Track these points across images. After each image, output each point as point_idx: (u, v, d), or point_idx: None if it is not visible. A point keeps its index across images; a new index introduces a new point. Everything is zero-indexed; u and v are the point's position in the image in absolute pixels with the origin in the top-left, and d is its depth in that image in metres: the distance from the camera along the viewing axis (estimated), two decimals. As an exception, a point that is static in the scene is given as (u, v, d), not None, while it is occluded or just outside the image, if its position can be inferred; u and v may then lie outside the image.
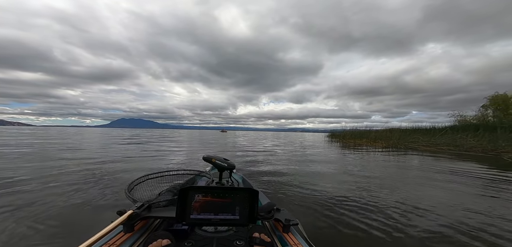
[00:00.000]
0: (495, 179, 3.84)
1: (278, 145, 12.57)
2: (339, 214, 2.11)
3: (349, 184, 3.38)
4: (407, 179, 3.84)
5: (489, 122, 15.70)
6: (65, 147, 8.30)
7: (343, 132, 20.56)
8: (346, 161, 6.28)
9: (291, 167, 4.90)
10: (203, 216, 0.83)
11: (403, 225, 1.88)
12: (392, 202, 2.49)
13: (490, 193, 3.00)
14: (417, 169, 4.99)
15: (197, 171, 1.63)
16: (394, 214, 2.13)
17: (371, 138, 15.29)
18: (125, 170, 4.12)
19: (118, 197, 2.49)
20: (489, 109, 18.55)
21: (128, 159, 5.59)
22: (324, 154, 8.11)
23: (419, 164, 5.71)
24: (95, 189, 2.77)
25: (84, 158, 5.49)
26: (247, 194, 0.86)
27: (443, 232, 1.77)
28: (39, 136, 15.82)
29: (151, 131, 47.15)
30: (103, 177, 3.46)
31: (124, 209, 0.93)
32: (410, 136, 13.31)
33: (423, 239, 1.65)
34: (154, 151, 7.78)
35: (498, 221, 1.99)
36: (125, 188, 1.18)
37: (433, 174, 4.24)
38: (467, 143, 9.97)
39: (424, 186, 3.33)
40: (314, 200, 2.52)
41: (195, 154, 7.41)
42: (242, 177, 2.04)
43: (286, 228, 0.97)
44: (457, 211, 2.23)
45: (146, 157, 6.23)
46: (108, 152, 6.96)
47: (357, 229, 1.82)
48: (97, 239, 0.71)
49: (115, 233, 0.88)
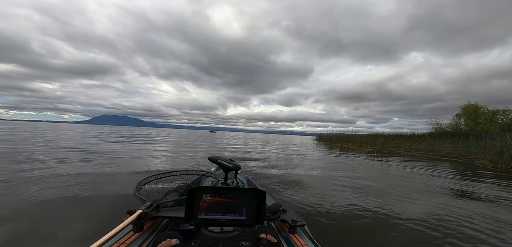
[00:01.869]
0: (466, 181, 4.29)
1: (275, 148, 12.70)
2: (343, 216, 2.24)
3: (347, 186, 3.57)
4: (396, 183, 4.12)
5: (462, 130, 17.08)
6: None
7: (330, 136, 21.32)
8: (338, 164, 6.54)
9: (289, 170, 5.03)
10: (210, 217, 0.83)
11: (390, 217, 2.08)
12: (382, 202, 2.70)
13: (462, 193, 3.35)
14: (407, 173, 5.34)
15: (203, 171, 1.65)
16: (386, 211, 2.33)
17: (357, 142, 15.97)
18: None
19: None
20: (462, 118, 20.15)
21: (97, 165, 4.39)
22: (318, 157, 8.36)
23: (408, 169, 6.11)
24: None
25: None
26: (255, 195, 0.86)
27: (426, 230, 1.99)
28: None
29: (135, 129, 45.12)
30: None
31: (134, 209, 0.95)
32: (393, 141, 14.09)
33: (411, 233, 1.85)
34: (130, 155, 6.26)
35: (463, 219, 2.26)
36: (133, 187, 1.19)
37: (425, 179, 4.60)
38: (444, 149, 10.78)
39: (423, 193, 3.60)
40: (317, 202, 2.65)
41: (182, 156, 6.94)
42: (247, 178, 2.05)
43: (293, 229, 0.98)
44: (439, 210, 2.49)
45: (121, 162, 4.98)
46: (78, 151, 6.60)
47: (361, 230, 1.97)
48: (108, 239, 0.72)
49: (125, 233, 0.90)
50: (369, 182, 4.07)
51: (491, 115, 18.33)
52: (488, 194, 3.46)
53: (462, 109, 20.02)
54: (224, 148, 10.98)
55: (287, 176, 4.33)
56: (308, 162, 6.82)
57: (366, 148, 13.93)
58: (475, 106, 19.28)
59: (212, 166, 2.12)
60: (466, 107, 19.72)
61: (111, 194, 2.63)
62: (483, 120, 18.41)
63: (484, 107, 19.06)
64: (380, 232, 1.97)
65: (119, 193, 2.69)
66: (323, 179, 4.27)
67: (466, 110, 19.64)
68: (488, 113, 18.58)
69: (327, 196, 2.98)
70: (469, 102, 19.82)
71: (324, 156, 8.85)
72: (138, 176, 3.30)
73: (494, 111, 18.51)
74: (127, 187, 2.90)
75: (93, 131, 22.92)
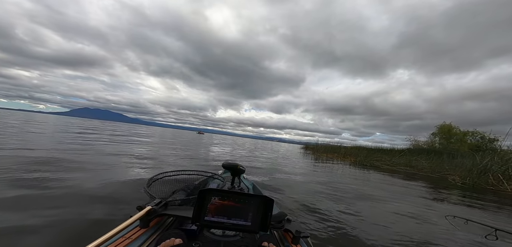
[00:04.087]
0: (440, 194, 4.61)
1: (270, 156, 12.72)
2: (343, 227, 2.31)
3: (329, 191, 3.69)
4: (372, 188, 4.32)
5: (437, 148, 18.28)
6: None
7: (317, 146, 21.85)
8: (323, 172, 6.71)
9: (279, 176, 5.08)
10: (216, 219, 0.83)
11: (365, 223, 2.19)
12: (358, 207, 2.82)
13: (436, 201, 3.59)
14: (388, 184, 5.61)
15: (211, 173, 1.68)
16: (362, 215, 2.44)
17: (342, 153, 16.49)
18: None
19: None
20: (437, 137, 21.58)
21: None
22: (305, 166, 8.50)
23: (389, 180, 6.40)
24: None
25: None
26: (263, 201, 0.85)
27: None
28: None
29: (116, 125, 42.27)
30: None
31: (144, 204, 0.97)
32: (374, 155, 14.74)
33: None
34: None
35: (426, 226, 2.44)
36: (144, 184, 1.22)
37: (404, 189, 4.86)
38: (420, 164, 11.45)
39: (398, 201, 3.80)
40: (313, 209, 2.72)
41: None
42: (253, 183, 2.07)
43: (296, 239, 0.97)
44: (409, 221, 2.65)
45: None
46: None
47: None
48: (116, 233, 0.74)
49: (131, 228, 0.91)
50: (350, 187, 4.24)
51: (462, 136, 19.81)
52: (455, 202, 3.87)
53: (438, 128, 21.46)
54: (209, 156, 10.80)
55: (275, 181, 4.40)
56: (296, 170, 6.92)
57: (349, 159, 14.42)
58: (449, 126, 20.76)
59: (219, 168, 2.12)
60: (442, 127, 21.17)
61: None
62: (455, 140, 19.84)
63: (457, 127, 20.60)
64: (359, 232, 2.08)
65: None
66: (307, 184, 4.40)
67: (441, 130, 21.07)
68: (460, 133, 20.07)
69: (308, 199, 3.08)
70: (444, 122, 21.35)
71: (311, 164, 9.03)
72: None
73: (464, 132, 20.05)
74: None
75: (65, 124, 21.29)
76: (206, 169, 1.54)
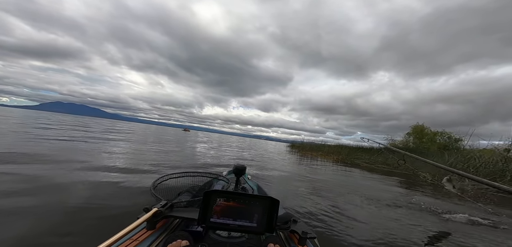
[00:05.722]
0: (409, 190, 5.13)
1: (260, 155, 12.84)
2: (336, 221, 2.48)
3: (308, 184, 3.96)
4: (352, 185, 4.70)
5: (410, 147, 19.73)
6: None
7: (302, 144, 22.52)
8: (307, 168, 7.05)
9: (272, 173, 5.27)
10: (222, 221, 0.84)
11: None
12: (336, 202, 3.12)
13: (407, 195, 4.05)
14: (366, 180, 6.06)
15: (215, 174, 1.70)
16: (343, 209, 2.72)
17: (325, 151, 17.21)
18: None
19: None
20: (411, 136, 23.24)
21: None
22: (290, 164, 8.80)
23: (366, 177, 6.90)
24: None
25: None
26: (268, 203, 0.85)
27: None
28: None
29: (92, 120, 38.69)
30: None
31: (150, 206, 0.98)
32: (355, 153, 15.58)
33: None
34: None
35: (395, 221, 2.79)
36: (150, 185, 1.23)
37: (380, 186, 5.30)
38: (396, 163, 12.37)
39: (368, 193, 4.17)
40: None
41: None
42: (257, 185, 2.07)
43: (303, 240, 0.96)
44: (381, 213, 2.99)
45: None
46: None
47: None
48: (124, 235, 0.74)
49: (138, 230, 0.92)
50: (330, 182, 4.56)
51: (432, 136, 21.56)
52: (424, 193, 4.41)
53: (412, 128, 23.12)
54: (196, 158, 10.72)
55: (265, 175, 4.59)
56: (283, 167, 7.18)
57: (332, 157, 15.13)
58: (422, 127, 22.43)
59: (223, 169, 2.12)
60: (415, 127, 22.80)
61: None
62: (427, 139, 21.54)
63: (428, 128, 22.35)
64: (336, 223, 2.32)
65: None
66: (290, 178, 4.65)
67: (415, 130, 22.70)
68: (431, 133, 21.82)
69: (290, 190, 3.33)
70: (417, 122, 23.02)
71: (296, 162, 9.37)
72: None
73: (435, 132, 21.83)
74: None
75: (25, 118, 18.41)
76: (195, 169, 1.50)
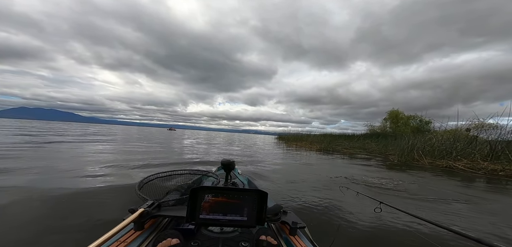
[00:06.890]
0: (379, 171, 5.99)
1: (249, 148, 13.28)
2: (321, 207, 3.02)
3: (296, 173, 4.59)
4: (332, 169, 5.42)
5: (387, 131, 21.38)
6: None
7: (288, 136, 23.55)
8: (291, 158, 7.73)
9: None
10: (212, 217, 0.84)
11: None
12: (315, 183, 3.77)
13: (375, 176, 4.84)
14: (343, 164, 6.84)
15: (204, 171, 1.73)
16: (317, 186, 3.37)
17: (309, 141, 18.24)
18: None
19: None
20: (388, 121, 25.02)
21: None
22: (275, 155, 9.47)
23: (344, 162, 7.73)
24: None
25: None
26: (257, 196, 0.86)
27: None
28: None
29: (64, 125, 35.48)
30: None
31: (136, 207, 0.95)
32: (337, 140, 16.74)
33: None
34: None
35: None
36: (135, 186, 1.20)
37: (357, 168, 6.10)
38: (371, 147, 13.57)
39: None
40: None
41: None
42: (248, 179, 2.08)
43: (293, 231, 0.98)
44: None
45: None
46: None
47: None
48: (110, 237, 0.72)
49: (125, 231, 0.90)
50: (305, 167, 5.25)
51: (406, 120, 23.42)
52: (392, 170, 5.13)
53: (388, 114, 24.88)
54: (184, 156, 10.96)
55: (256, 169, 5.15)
56: (272, 158, 7.83)
57: (315, 146, 16.15)
58: (397, 112, 24.21)
59: (213, 166, 2.05)
60: (391, 113, 24.54)
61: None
62: (401, 123, 23.37)
63: (402, 113, 24.18)
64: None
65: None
66: (277, 171, 5.27)
67: (391, 115, 24.45)
68: (405, 118, 23.67)
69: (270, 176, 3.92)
70: (393, 108, 24.79)
71: (281, 153, 10.09)
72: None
73: (408, 116, 23.71)
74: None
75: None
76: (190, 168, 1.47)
